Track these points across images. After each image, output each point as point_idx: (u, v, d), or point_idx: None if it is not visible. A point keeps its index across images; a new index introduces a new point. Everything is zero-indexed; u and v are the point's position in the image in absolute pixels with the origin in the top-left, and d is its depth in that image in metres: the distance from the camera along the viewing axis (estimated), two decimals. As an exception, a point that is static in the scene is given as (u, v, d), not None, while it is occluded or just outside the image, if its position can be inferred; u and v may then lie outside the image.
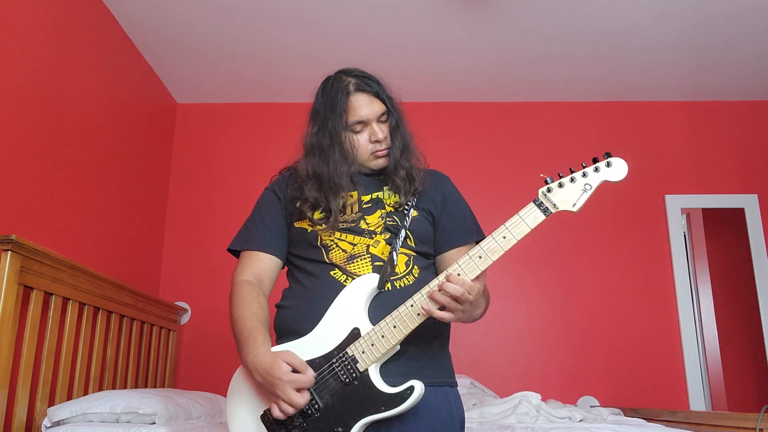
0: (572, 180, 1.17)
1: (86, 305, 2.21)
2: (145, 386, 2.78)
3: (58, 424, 1.89)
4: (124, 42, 2.93)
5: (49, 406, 1.94)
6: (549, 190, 1.17)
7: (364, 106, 1.36)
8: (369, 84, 1.39)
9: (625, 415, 2.56)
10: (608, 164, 1.16)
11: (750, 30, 2.92)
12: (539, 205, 1.17)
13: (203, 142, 3.58)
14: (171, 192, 3.50)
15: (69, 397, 2.12)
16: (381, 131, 1.37)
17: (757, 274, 3.37)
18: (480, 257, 1.15)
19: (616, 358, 3.26)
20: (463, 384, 2.84)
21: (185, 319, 3.29)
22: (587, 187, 1.16)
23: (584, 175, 1.17)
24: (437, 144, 3.50)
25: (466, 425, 1.37)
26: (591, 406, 2.97)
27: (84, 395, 2.17)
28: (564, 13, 2.79)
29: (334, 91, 1.38)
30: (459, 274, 1.15)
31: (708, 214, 3.71)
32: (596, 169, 1.17)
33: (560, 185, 1.17)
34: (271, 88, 3.48)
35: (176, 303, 3.22)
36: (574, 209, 1.16)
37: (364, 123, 1.37)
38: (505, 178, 3.51)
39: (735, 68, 3.28)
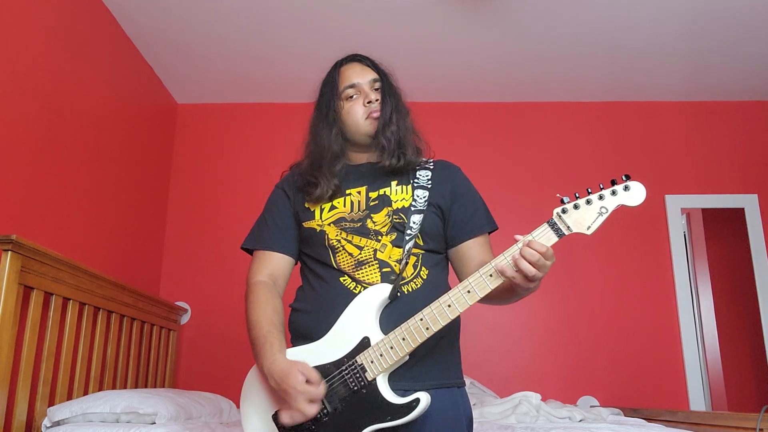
0: (588, 202, 1.14)
1: (86, 305, 2.21)
2: (145, 386, 2.78)
3: (58, 424, 1.89)
4: (124, 42, 2.93)
5: (49, 406, 1.94)
6: (564, 211, 1.15)
7: (355, 73, 1.44)
8: (360, 57, 1.48)
9: (625, 415, 2.56)
10: (626, 188, 1.13)
11: (750, 30, 2.92)
12: (552, 225, 1.15)
13: (203, 142, 3.58)
14: (171, 192, 3.50)
15: (69, 397, 2.12)
16: (374, 94, 1.41)
17: (757, 274, 3.37)
18: (491, 275, 1.15)
19: (616, 359, 3.26)
20: (463, 384, 2.83)
21: (185, 319, 3.29)
22: (603, 210, 1.13)
23: (601, 197, 1.14)
24: (437, 144, 3.45)
25: (467, 425, 1.37)
26: (591, 406, 2.97)
27: (84, 395, 2.17)
28: (564, 13, 2.79)
29: (329, 71, 1.49)
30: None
31: (708, 214, 3.72)
32: (613, 192, 1.13)
33: (576, 207, 1.14)
34: (271, 88, 3.48)
35: (176, 303, 3.22)
36: (589, 232, 1.14)
37: (356, 87, 1.42)
38: (504, 178, 3.51)
39: (735, 68, 3.27)
